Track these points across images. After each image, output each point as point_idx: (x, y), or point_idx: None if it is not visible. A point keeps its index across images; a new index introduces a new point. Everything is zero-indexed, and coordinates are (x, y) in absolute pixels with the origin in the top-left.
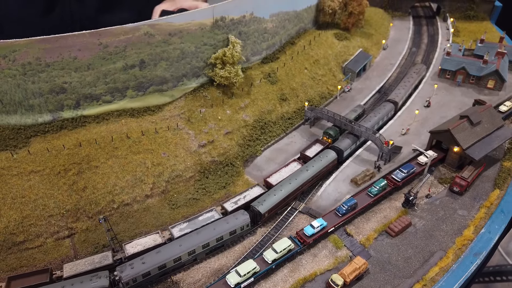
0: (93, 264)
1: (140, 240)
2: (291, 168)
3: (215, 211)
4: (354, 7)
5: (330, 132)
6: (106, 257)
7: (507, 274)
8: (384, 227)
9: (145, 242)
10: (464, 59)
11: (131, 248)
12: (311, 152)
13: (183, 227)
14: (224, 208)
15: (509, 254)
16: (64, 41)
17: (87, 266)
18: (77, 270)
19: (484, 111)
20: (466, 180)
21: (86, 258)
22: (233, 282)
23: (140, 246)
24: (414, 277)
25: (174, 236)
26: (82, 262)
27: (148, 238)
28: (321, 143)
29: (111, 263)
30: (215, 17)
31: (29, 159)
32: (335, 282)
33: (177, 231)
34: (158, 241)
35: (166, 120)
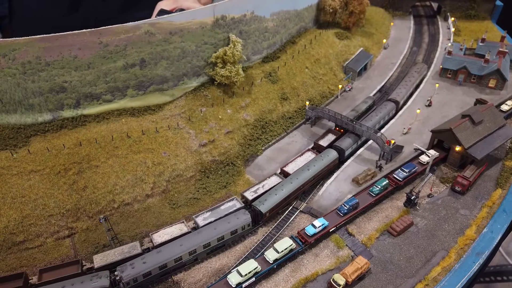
0: (123, 254)
1: (167, 230)
2: (306, 157)
3: (236, 200)
4: (355, 6)
5: None
6: (135, 247)
7: (508, 274)
8: (386, 226)
9: (172, 231)
10: (466, 58)
11: (158, 237)
12: (324, 141)
13: (206, 216)
14: (244, 197)
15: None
16: (64, 40)
17: (117, 256)
18: (107, 261)
19: (485, 110)
20: (468, 179)
21: (116, 249)
22: (234, 282)
23: (167, 235)
24: (416, 277)
25: (199, 225)
26: (112, 252)
27: (174, 228)
28: (334, 133)
29: (140, 253)
30: (215, 16)
31: (29, 159)
32: (337, 282)
33: (201, 220)
34: (184, 230)
35: (166, 119)
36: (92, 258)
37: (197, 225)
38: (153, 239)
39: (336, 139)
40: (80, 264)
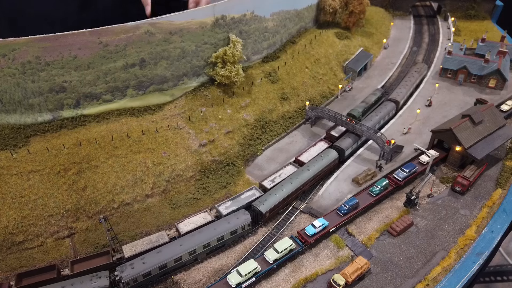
0: (151, 243)
1: (192, 219)
2: (319, 147)
3: (255, 189)
4: (355, 6)
5: (353, 113)
6: (162, 236)
7: (508, 274)
8: (386, 226)
9: (197, 220)
10: (466, 58)
11: (184, 226)
12: (336, 132)
13: (228, 205)
14: (263, 186)
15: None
16: (64, 39)
17: (145, 245)
18: (136, 250)
19: (486, 110)
20: (468, 179)
21: (144, 239)
22: (234, 282)
23: (192, 224)
24: (416, 277)
25: (222, 214)
26: (140, 242)
27: (198, 217)
28: None
29: (167, 241)
30: (215, 16)
31: (29, 159)
32: (336, 282)
33: (224, 209)
34: (208, 219)
35: (166, 119)
36: (122, 249)
37: (220, 214)
38: (179, 228)
39: (346, 130)
40: (110, 255)
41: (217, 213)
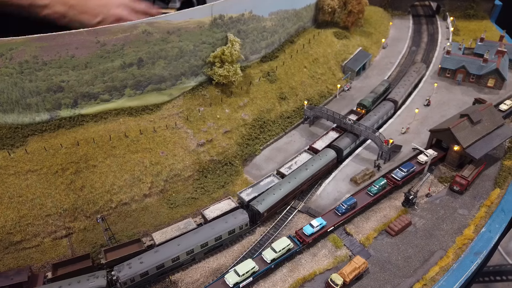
0: (180, 230)
1: (216, 205)
2: (330, 136)
3: (273, 176)
4: (354, 5)
5: (364, 103)
6: (189, 222)
7: (507, 273)
8: (384, 226)
9: (221, 206)
10: (464, 57)
11: (210, 213)
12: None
13: (249, 192)
14: (280, 173)
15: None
16: (62, 39)
17: (175, 232)
18: (166, 237)
19: (484, 109)
20: (467, 179)
21: (172, 226)
22: (232, 282)
23: (218, 210)
24: (414, 277)
25: (245, 200)
26: (169, 229)
27: (222, 203)
28: (356, 113)
29: (195, 227)
30: (213, 15)
31: (26, 158)
32: (334, 281)
33: (245, 195)
34: (232, 205)
35: (164, 119)
36: (152, 236)
37: (243, 201)
38: (205, 215)
39: (358, 118)
40: (141, 242)
41: (240, 200)
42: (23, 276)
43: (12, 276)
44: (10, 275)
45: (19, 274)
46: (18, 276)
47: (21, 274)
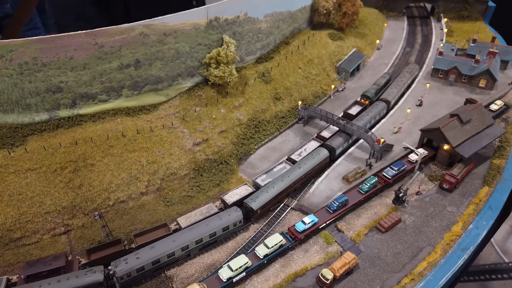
0: (203, 214)
1: (235, 191)
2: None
3: (285, 163)
4: (348, 7)
5: (367, 94)
6: (211, 207)
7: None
8: (374, 223)
9: (240, 192)
10: (456, 58)
11: (229, 197)
12: (353, 111)
13: (263, 178)
14: (291, 159)
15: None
16: (60, 41)
17: (198, 216)
18: (191, 221)
19: (474, 109)
20: (456, 177)
21: (195, 210)
22: (225, 277)
23: (237, 195)
24: (402, 272)
25: (260, 185)
26: (193, 214)
27: (240, 189)
28: (360, 104)
29: (216, 212)
30: (209, 18)
31: (26, 157)
32: (325, 276)
33: (261, 181)
34: (249, 190)
35: (161, 119)
36: (177, 221)
37: (258, 185)
38: (225, 200)
39: (362, 109)
40: (168, 227)
41: (256, 185)
42: (61, 261)
43: (50, 261)
44: (48, 261)
45: (57, 259)
46: (56, 261)
47: (59, 259)
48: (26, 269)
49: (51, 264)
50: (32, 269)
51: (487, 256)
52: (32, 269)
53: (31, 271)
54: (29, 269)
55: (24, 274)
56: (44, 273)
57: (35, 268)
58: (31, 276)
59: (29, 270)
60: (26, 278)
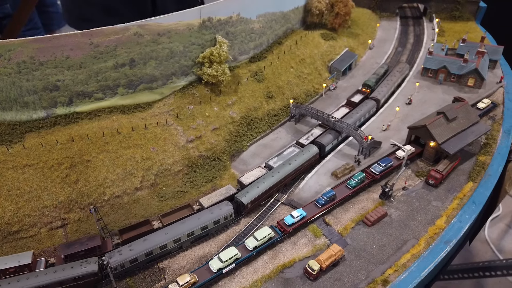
0: (222, 195)
1: (250, 173)
2: (342, 111)
3: (294, 146)
4: (340, 8)
5: (368, 83)
6: (230, 188)
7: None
8: (361, 217)
9: (255, 173)
10: (446, 58)
11: (246, 179)
12: (355, 99)
13: (275, 160)
14: (300, 143)
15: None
16: (57, 41)
17: (218, 197)
18: (212, 201)
19: (460, 108)
20: (441, 173)
21: (216, 191)
22: (215, 267)
23: (252, 176)
24: (387, 263)
25: (273, 167)
26: (213, 195)
27: (255, 171)
28: (361, 93)
29: (235, 192)
30: (202, 18)
31: (24, 153)
32: (311, 267)
33: (273, 163)
34: (263, 172)
35: (155, 116)
36: (199, 201)
37: (271, 167)
38: (241, 181)
39: (364, 98)
40: (191, 207)
41: (268, 167)
42: (97, 241)
43: (86, 242)
44: (85, 241)
45: (93, 240)
46: (92, 241)
47: (94, 239)
48: (64, 250)
49: (87, 244)
50: (70, 249)
51: (483, 253)
52: (70, 249)
53: (69, 251)
54: (67, 250)
55: (63, 254)
56: (81, 252)
57: (72, 248)
58: (69, 255)
59: (67, 250)
60: (64, 258)
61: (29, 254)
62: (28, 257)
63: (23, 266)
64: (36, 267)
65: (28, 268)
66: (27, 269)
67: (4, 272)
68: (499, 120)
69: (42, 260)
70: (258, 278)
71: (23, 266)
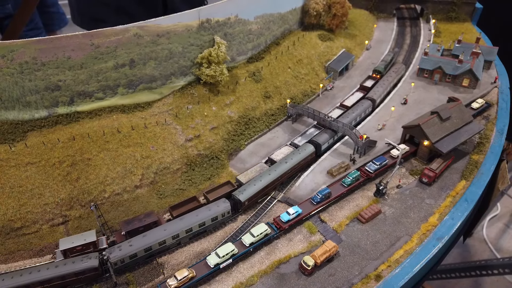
0: (257, 171)
1: (280, 151)
2: (356, 96)
3: (314, 128)
4: (338, 9)
5: (378, 69)
6: (262, 166)
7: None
8: (356, 214)
9: (283, 151)
10: (441, 58)
11: (276, 156)
12: (368, 83)
13: (299, 139)
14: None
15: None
16: (58, 42)
17: (254, 173)
18: (249, 178)
19: (453, 107)
20: (434, 171)
21: (251, 168)
22: (213, 263)
23: (282, 154)
24: (380, 259)
25: (298, 145)
26: (249, 171)
27: (283, 149)
28: (372, 78)
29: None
30: (200, 19)
31: (26, 152)
32: (306, 263)
33: (298, 142)
34: (290, 149)
35: (155, 116)
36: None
37: (296, 145)
38: (273, 158)
39: (375, 83)
40: (231, 184)
41: (294, 145)
42: (154, 217)
43: (144, 218)
44: (142, 218)
45: (149, 216)
46: (149, 217)
47: (151, 216)
48: (125, 226)
49: (145, 220)
50: (130, 225)
51: (481, 252)
52: (130, 226)
53: (129, 228)
54: (127, 226)
55: (124, 230)
56: (141, 228)
57: (132, 225)
58: (130, 231)
59: (127, 227)
60: (126, 234)
61: (93, 232)
62: (92, 235)
63: (89, 244)
64: (99, 245)
65: (93, 245)
66: (92, 246)
67: (72, 250)
68: (493, 120)
69: (103, 238)
70: (255, 273)
71: (89, 243)
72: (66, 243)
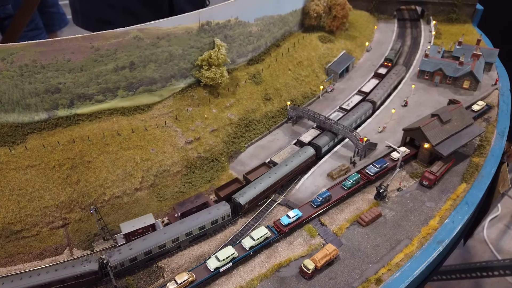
0: (289, 153)
1: (307, 133)
2: (372, 83)
3: (338, 111)
4: (338, 11)
5: (389, 57)
6: (293, 147)
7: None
8: (356, 217)
9: (311, 133)
10: (442, 60)
11: (305, 138)
12: (381, 71)
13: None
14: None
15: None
16: (58, 44)
17: (286, 154)
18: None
19: (454, 110)
20: (435, 174)
21: (283, 150)
22: (213, 266)
23: (309, 136)
24: (380, 263)
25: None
26: (281, 152)
27: (310, 131)
28: (385, 66)
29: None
30: (201, 22)
31: (26, 155)
32: (306, 266)
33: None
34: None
35: (155, 118)
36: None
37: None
38: (302, 140)
39: (388, 70)
40: (266, 165)
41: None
42: (204, 199)
43: (196, 200)
44: (193, 200)
45: (200, 197)
46: (199, 199)
47: (201, 197)
48: (179, 208)
49: (196, 201)
50: (184, 207)
51: (481, 254)
52: (184, 207)
53: (184, 209)
54: (181, 208)
55: (179, 212)
56: (194, 209)
57: (185, 206)
58: (184, 213)
59: (181, 209)
60: (180, 216)
61: (151, 216)
62: (151, 218)
63: (148, 227)
64: (156, 228)
65: (152, 227)
66: (151, 228)
67: (133, 233)
68: (494, 122)
69: (158, 221)
70: (255, 277)
71: (148, 226)
72: (127, 226)
